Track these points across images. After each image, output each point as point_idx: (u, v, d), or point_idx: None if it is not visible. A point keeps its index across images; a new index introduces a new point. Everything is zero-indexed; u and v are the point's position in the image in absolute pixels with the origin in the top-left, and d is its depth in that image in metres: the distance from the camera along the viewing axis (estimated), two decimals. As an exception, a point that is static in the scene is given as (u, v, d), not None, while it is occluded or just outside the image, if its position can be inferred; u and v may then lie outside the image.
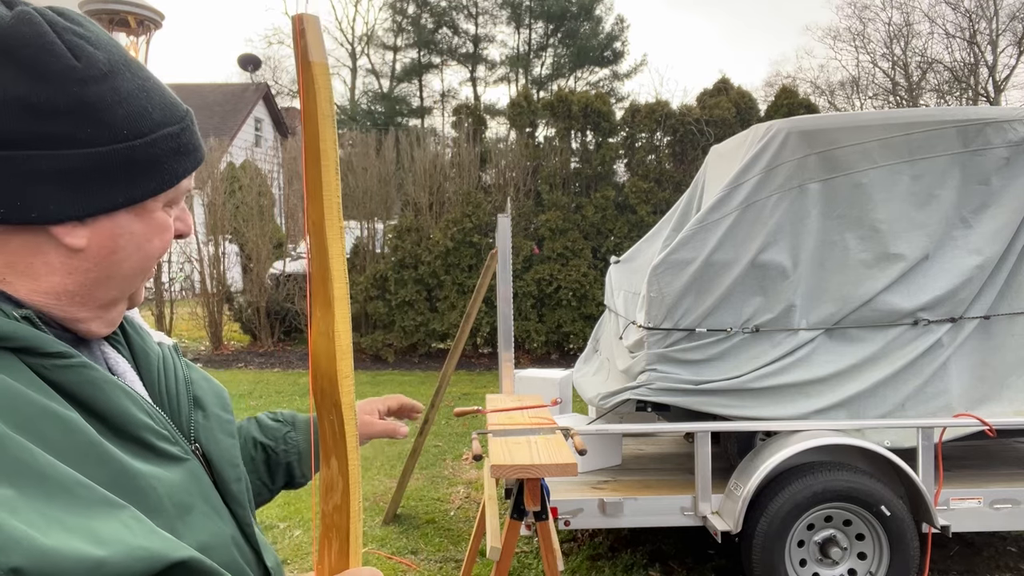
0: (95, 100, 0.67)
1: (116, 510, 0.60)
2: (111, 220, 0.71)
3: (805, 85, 26.19)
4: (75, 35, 0.68)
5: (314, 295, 0.63)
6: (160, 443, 0.72)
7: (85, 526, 0.57)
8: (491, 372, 8.90)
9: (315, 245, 0.63)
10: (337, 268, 0.63)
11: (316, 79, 0.61)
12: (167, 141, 0.73)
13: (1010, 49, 23.84)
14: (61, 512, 0.56)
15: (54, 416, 0.62)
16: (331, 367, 0.63)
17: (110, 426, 0.68)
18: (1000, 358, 3.42)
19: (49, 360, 0.66)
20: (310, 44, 0.61)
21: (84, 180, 0.68)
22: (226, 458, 0.84)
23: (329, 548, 0.65)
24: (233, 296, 10.90)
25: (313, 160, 0.62)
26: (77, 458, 0.61)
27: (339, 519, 0.64)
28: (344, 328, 0.64)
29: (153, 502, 0.66)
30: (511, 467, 2.30)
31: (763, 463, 3.19)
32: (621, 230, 9.42)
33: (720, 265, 3.40)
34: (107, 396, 0.69)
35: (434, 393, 4.29)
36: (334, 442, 0.64)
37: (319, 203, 0.62)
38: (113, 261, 0.72)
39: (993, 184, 3.43)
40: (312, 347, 0.64)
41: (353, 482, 0.64)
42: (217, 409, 0.88)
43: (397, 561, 3.84)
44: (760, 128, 3.60)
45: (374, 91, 27.89)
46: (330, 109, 0.62)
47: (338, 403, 0.63)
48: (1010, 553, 3.92)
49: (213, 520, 0.75)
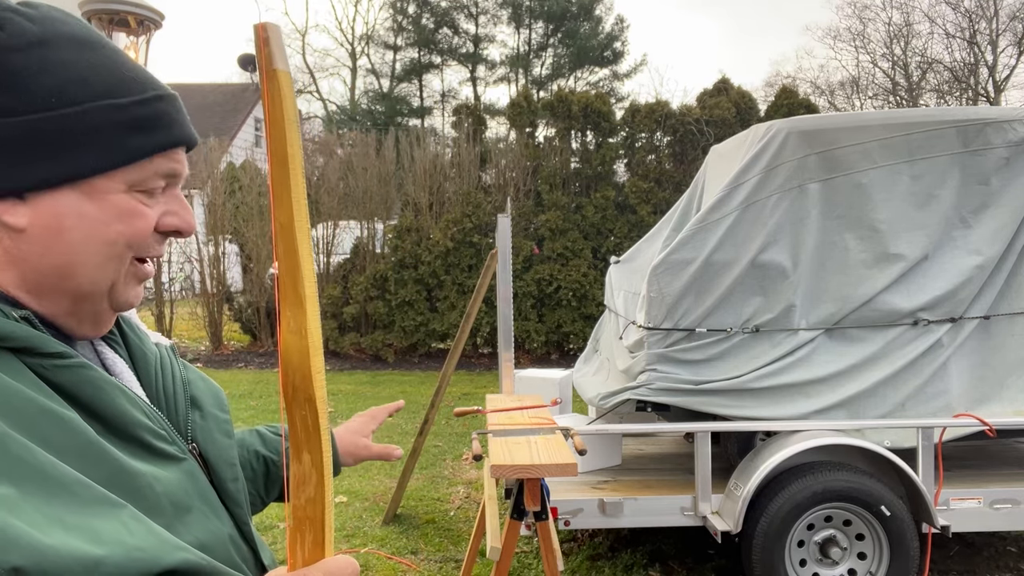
0: (19, 68, 0.66)
1: (115, 509, 0.60)
2: (53, 198, 0.68)
3: (805, 85, 26.20)
4: (8, 11, 0.68)
5: (284, 294, 0.64)
6: (158, 443, 0.72)
7: (85, 525, 0.57)
8: (491, 372, 8.90)
9: (284, 246, 0.63)
10: (307, 268, 0.64)
11: (281, 86, 0.62)
12: (108, 112, 0.70)
13: (1010, 49, 23.84)
14: (61, 511, 0.56)
15: (54, 416, 0.62)
16: (304, 363, 0.64)
17: (108, 426, 0.68)
18: (1000, 358, 3.42)
19: (48, 360, 0.66)
20: (274, 52, 0.61)
21: (13, 151, 0.66)
22: (223, 458, 0.84)
23: (302, 540, 0.65)
24: (233, 296, 10.90)
25: (280, 164, 0.62)
26: (76, 457, 0.61)
27: (313, 511, 0.65)
28: (315, 326, 0.64)
29: (151, 501, 0.66)
30: (511, 467, 2.30)
31: (763, 463, 3.19)
32: (621, 230, 9.42)
33: (720, 265, 3.40)
34: (105, 396, 0.69)
35: (434, 393, 4.29)
36: (306, 436, 0.65)
37: (287, 205, 0.63)
38: (64, 245, 0.69)
39: (993, 184, 3.43)
40: (283, 344, 0.64)
41: (326, 474, 0.65)
42: (214, 409, 0.88)
43: (397, 561, 3.84)
44: (760, 128, 3.60)
45: (374, 91, 27.88)
46: (294, 114, 0.63)
47: (311, 397, 0.64)
48: (1010, 553, 3.92)
49: (211, 519, 0.75)
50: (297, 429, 0.65)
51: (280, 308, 0.64)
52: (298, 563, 0.65)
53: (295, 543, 0.65)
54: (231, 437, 0.88)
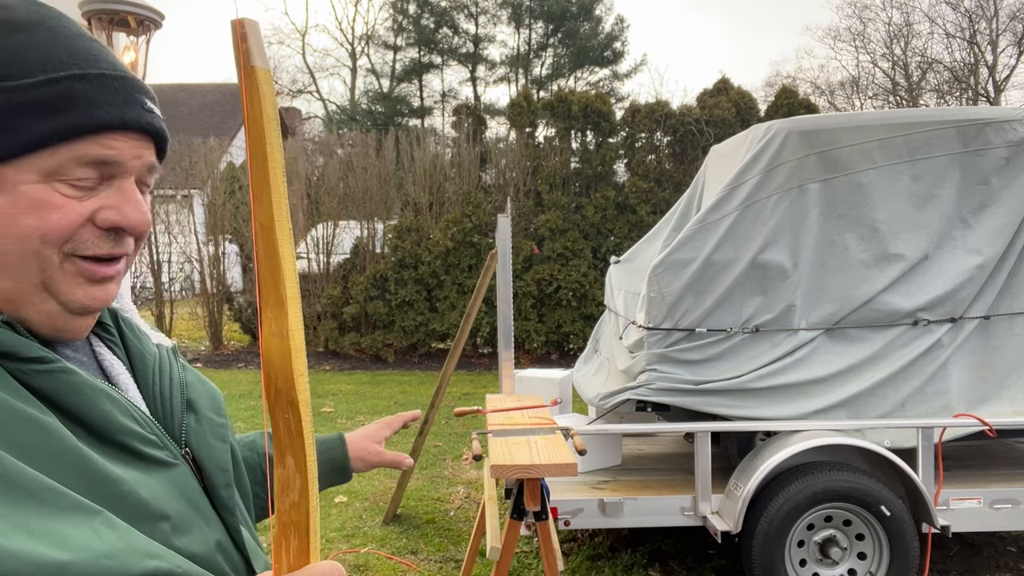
0: None
1: (88, 516, 0.59)
2: None
3: (805, 85, 26.21)
4: None
5: (265, 296, 0.63)
6: (147, 448, 0.71)
7: (52, 531, 0.56)
8: (491, 372, 8.90)
9: (264, 247, 0.62)
10: (288, 269, 0.62)
11: (260, 84, 0.60)
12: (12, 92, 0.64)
13: (1010, 49, 23.85)
14: (28, 517, 0.55)
15: (29, 421, 0.61)
16: (286, 365, 0.63)
17: (92, 431, 0.67)
18: (1000, 358, 3.42)
19: (28, 365, 0.64)
20: (252, 49, 0.60)
21: None
22: (216, 463, 0.82)
23: (287, 546, 0.64)
24: (233, 296, 10.90)
25: (259, 163, 0.61)
26: (51, 463, 0.60)
27: (297, 516, 0.64)
28: (297, 327, 0.63)
29: (134, 508, 0.65)
30: (511, 467, 2.30)
31: (763, 463, 3.19)
32: (621, 230, 9.42)
33: (720, 265, 3.40)
34: (88, 401, 0.67)
35: (434, 393, 4.29)
36: (290, 440, 0.64)
37: (267, 205, 0.61)
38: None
39: (993, 184, 3.43)
40: (265, 347, 0.63)
41: (311, 478, 0.64)
42: (210, 413, 0.86)
43: (397, 561, 3.84)
44: (760, 128, 3.60)
45: (374, 91, 27.88)
46: (274, 112, 0.62)
47: (294, 400, 0.63)
48: (1010, 553, 3.92)
49: (199, 526, 0.74)
50: (280, 433, 0.64)
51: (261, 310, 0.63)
52: (283, 569, 0.64)
53: (280, 549, 0.64)
54: (225, 442, 0.86)
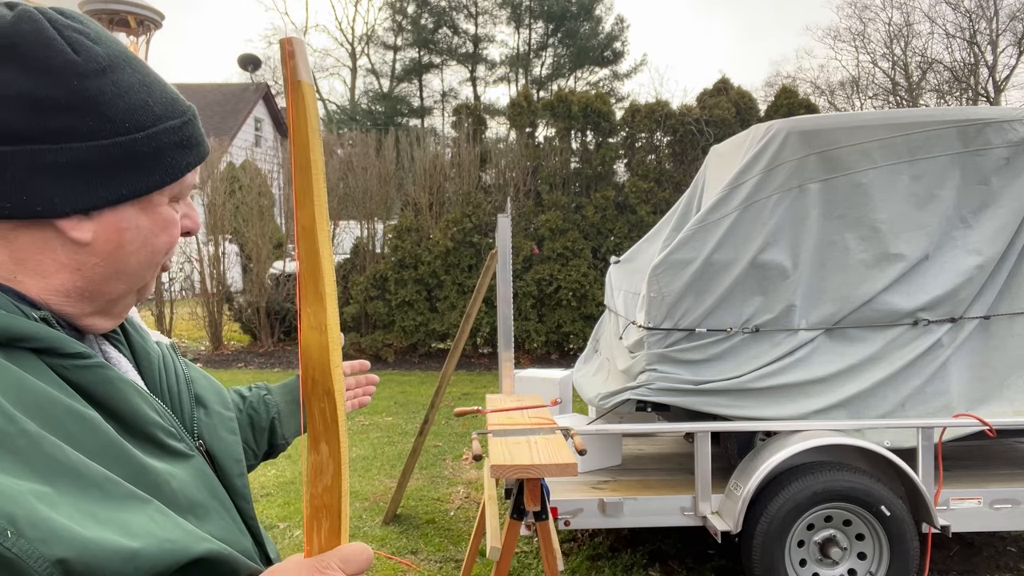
0: (96, 94, 0.69)
1: (143, 504, 0.63)
2: (116, 214, 0.72)
3: (805, 85, 26.22)
4: (74, 31, 0.70)
5: (306, 292, 0.67)
6: (170, 440, 0.75)
7: (117, 519, 0.60)
8: (491, 372, 8.90)
9: (306, 247, 0.67)
10: (327, 268, 0.68)
11: (305, 97, 0.65)
12: (169, 134, 0.74)
13: (1010, 49, 23.86)
14: (94, 507, 0.59)
15: (78, 415, 0.64)
16: (324, 357, 0.67)
17: (125, 425, 0.70)
18: (1000, 358, 3.42)
19: (69, 360, 0.68)
20: (299, 65, 0.65)
21: (87, 173, 0.69)
22: (229, 454, 0.87)
23: (319, 528, 0.67)
24: (233, 296, 10.90)
25: (303, 170, 0.66)
26: (101, 456, 0.64)
27: (329, 499, 0.67)
28: (334, 322, 0.68)
29: (169, 497, 0.68)
30: (511, 467, 2.30)
31: (763, 463, 3.19)
32: (621, 230, 9.42)
33: (720, 265, 3.40)
34: (122, 395, 0.71)
35: (434, 393, 4.29)
36: (324, 428, 0.67)
37: (310, 209, 0.66)
38: (119, 256, 0.73)
39: (993, 184, 3.43)
40: (303, 340, 0.68)
41: (343, 464, 0.68)
42: (218, 407, 0.91)
43: (397, 561, 3.84)
44: (760, 128, 3.60)
45: (374, 91, 27.90)
46: (317, 123, 0.67)
47: (330, 391, 0.67)
48: (1010, 553, 3.92)
49: (219, 513, 0.77)
50: (316, 420, 0.68)
51: (300, 305, 0.68)
52: (314, 550, 0.67)
53: (312, 530, 0.67)
54: (236, 434, 0.91)
